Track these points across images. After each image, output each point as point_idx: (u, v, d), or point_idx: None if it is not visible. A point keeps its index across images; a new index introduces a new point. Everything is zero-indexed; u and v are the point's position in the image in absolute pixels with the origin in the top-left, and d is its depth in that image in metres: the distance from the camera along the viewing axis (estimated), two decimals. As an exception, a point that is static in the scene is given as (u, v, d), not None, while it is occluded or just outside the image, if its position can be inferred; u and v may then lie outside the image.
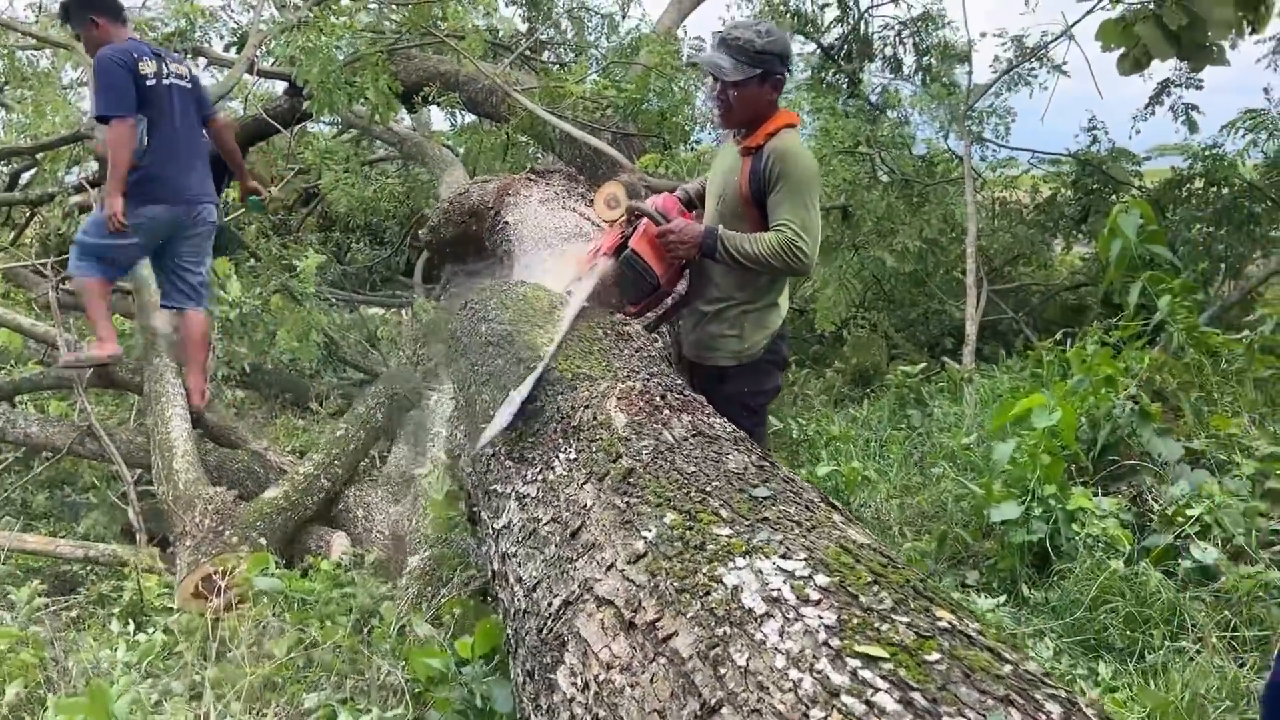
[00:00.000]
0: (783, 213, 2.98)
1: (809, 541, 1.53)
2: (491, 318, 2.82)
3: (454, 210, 4.86)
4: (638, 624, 1.51)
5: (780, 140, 3.04)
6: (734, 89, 3.02)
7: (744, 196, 3.08)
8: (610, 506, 1.88)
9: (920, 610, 1.32)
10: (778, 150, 3.01)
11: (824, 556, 1.47)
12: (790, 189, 2.99)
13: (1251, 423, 4.14)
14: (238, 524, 3.80)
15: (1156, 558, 3.16)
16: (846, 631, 1.26)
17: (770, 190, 3.02)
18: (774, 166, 3.00)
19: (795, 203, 2.98)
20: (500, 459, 2.43)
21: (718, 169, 3.28)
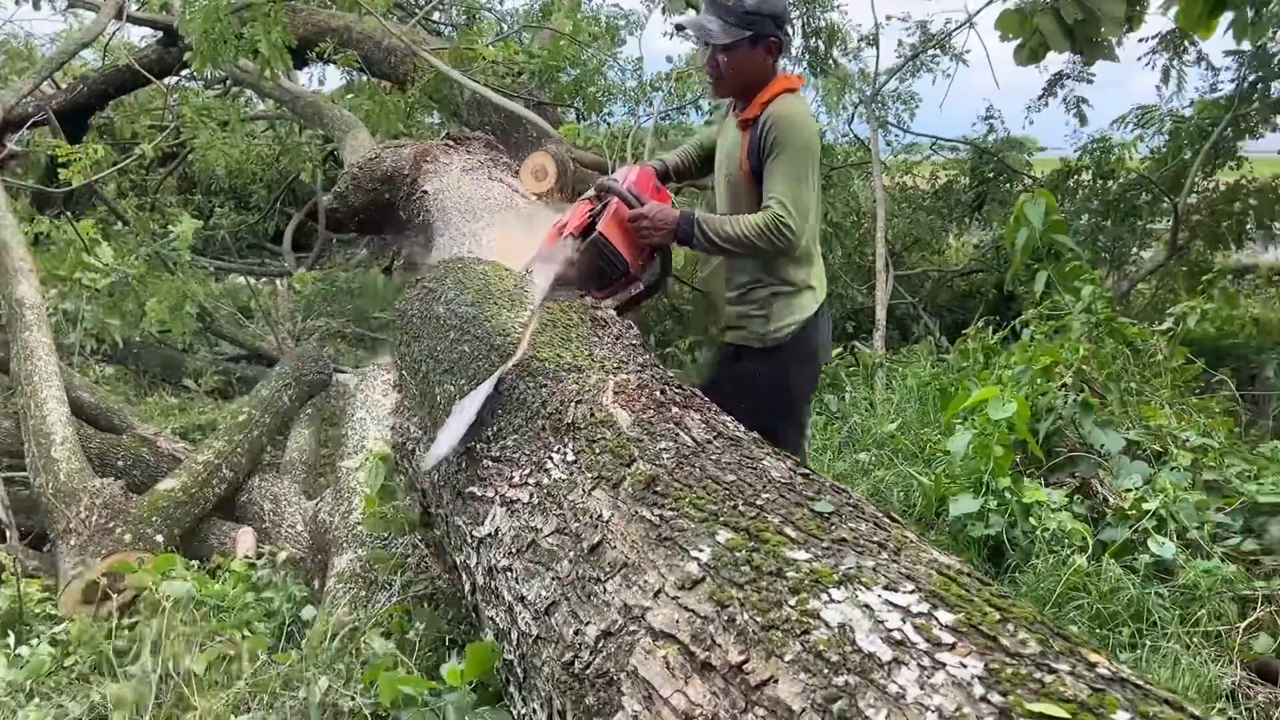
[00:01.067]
0: (773, 186, 2.79)
1: (904, 568, 1.36)
2: (450, 299, 2.55)
3: (364, 176, 4.51)
4: (716, 665, 1.31)
5: (777, 106, 2.83)
6: (724, 54, 2.82)
7: (746, 174, 2.89)
8: (636, 519, 1.67)
9: (1068, 654, 1.16)
10: (773, 117, 2.81)
11: (933, 587, 1.30)
12: (784, 159, 2.79)
13: (1174, 413, 4.21)
14: (130, 519, 3.42)
15: (1115, 553, 3.13)
16: (1003, 683, 1.09)
17: (765, 158, 2.82)
18: (769, 134, 2.80)
19: (787, 175, 2.79)
20: (477, 457, 2.18)
21: (721, 147, 3.08)
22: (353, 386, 3.75)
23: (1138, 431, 3.86)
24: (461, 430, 2.13)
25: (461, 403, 2.26)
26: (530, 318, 2.42)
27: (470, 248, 3.62)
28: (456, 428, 2.15)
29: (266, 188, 12.94)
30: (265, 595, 3.16)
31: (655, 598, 1.48)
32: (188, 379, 6.69)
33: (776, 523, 1.51)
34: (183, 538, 3.55)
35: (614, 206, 2.76)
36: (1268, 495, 3.32)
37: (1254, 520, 3.38)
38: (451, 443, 2.12)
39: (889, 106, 7.67)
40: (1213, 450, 3.77)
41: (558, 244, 2.80)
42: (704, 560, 1.48)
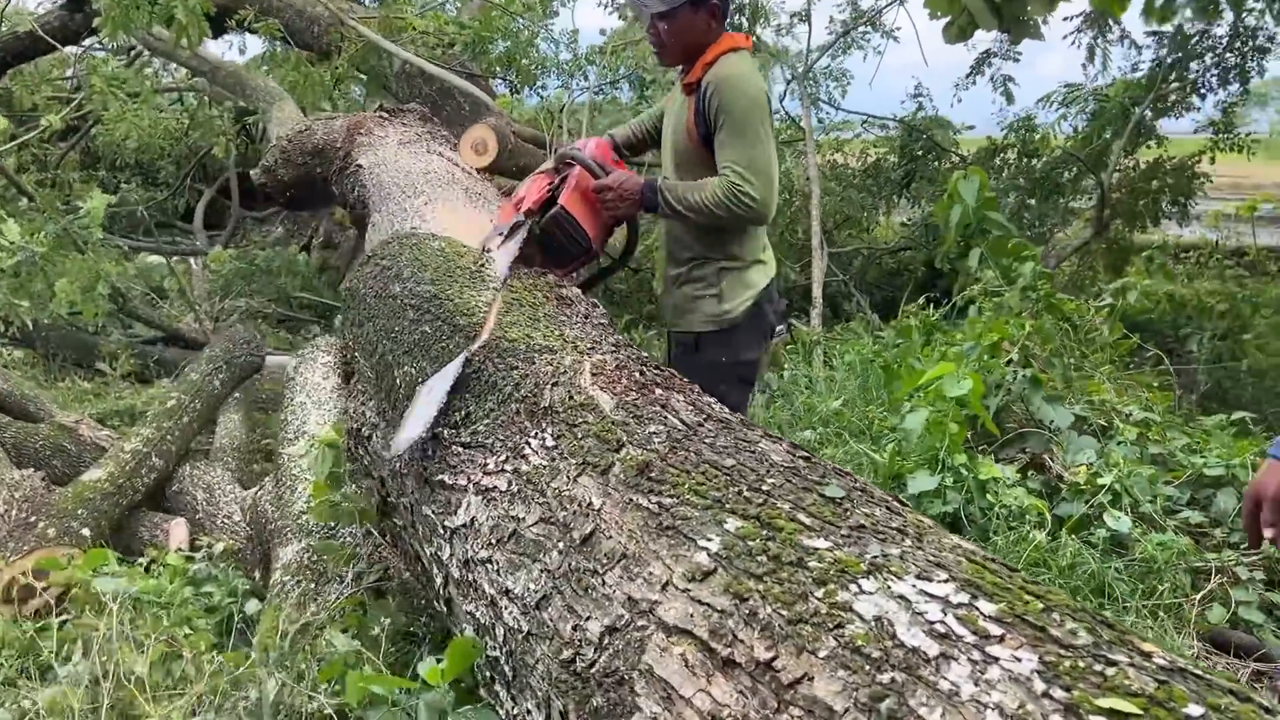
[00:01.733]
0: (726, 153, 2.70)
1: (931, 555, 1.30)
2: (407, 276, 2.43)
3: (294, 150, 4.31)
4: (741, 662, 1.23)
5: (718, 68, 2.73)
6: (663, 21, 2.74)
7: (694, 141, 2.80)
8: (631, 507, 1.59)
9: (1120, 644, 1.11)
10: (715, 80, 2.71)
11: (966, 575, 1.24)
12: (732, 124, 2.69)
13: (1113, 387, 4.27)
14: (53, 513, 3.23)
15: (1071, 528, 3.15)
16: (1063, 678, 1.04)
17: (715, 127, 2.72)
18: (713, 99, 2.70)
19: (737, 140, 2.69)
20: (444, 442, 2.07)
21: (669, 115, 2.98)
22: (290, 369, 3.58)
23: (1082, 406, 3.90)
24: (431, 413, 2.02)
25: (429, 384, 2.15)
26: (494, 296, 2.32)
27: (414, 224, 3.46)
28: (425, 410, 2.04)
29: (175, 163, 12.45)
30: (205, 590, 3.01)
31: (663, 590, 1.40)
32: (101, 363, 6.39)
33: (787, 509, 1.45)
34: (111, 531, 3.36)
35: (575, 178, 2.65)
36: (1214, 468, 3.38)
37: (1200, 493, 3.44)
38: (421, 426, 2.01)
39: (821, 84, 7.68)
40: (1155, 424, 3.83)
41: (515, 219, 2.68)
42: (714, 550, 1.40)
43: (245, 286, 8.16)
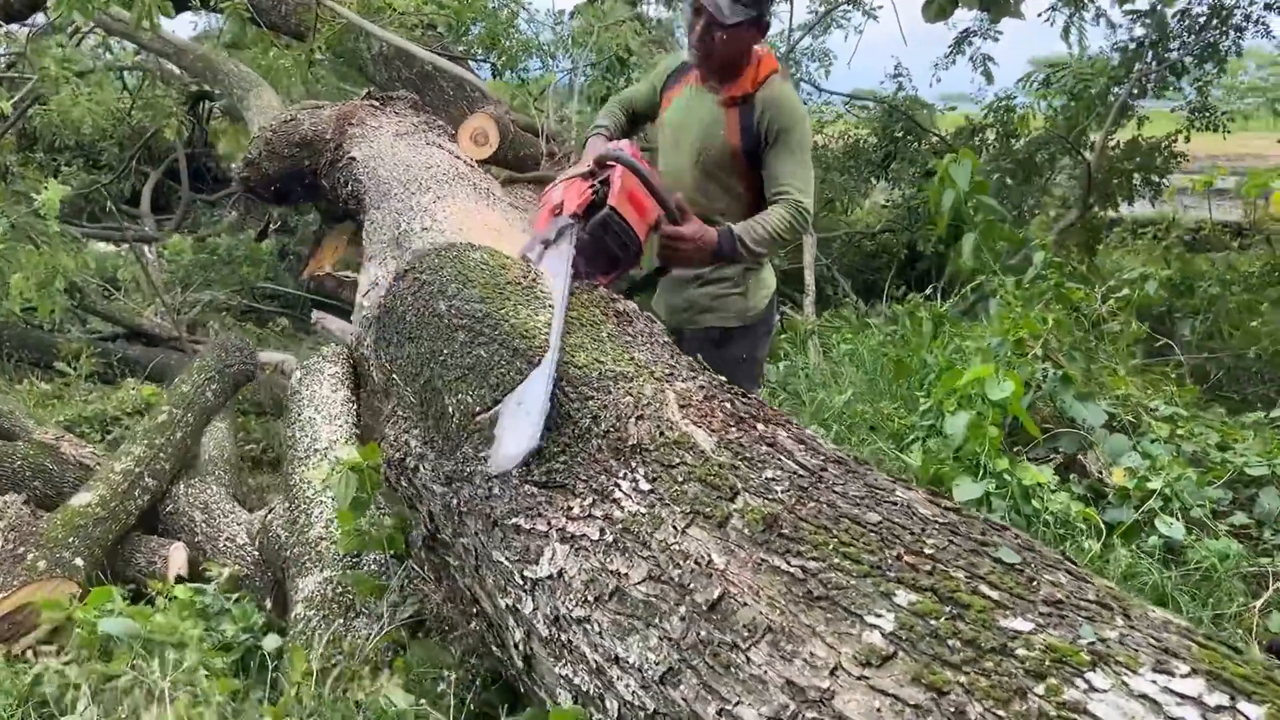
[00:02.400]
0: (786, 175, 2.82)
1: (1152, 637, 1.16)
2: (452, 294, 2.23)
3: (279, 141, 4.05)
4: (955, 773, 1.09)
5: (773, 90, 2.85)
6: (724, 32, 2.74)
7: (735, 151, 2.88)
8: (766, 569, 1.43)
9: None
10: (774, 101, 2.83)
11: (1207, 665, 1.10)
12: (791, 146, 2.83)
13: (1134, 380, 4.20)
14: (43, 542, 2.99)
15: (1121, 535, 3.06)
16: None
17: (768, 144, 2.84)
18: (771, 121, 2.82)
19: (797, 161, 2.84)
20: (512, 482, 1.89)
21: (687, 119, 3.00)
22: (294, 382, 3.36)
23: (1109, 402, 3.81)
24: (535, 425, 1.81)
25: (516, 394, 1.95)
26: (556, 315, 2.13)
27: (424, 224, 3.27)
28: (522, 424, 1.84)
29: (119, 144, 11.95)
30: (218, 624, 2.80)
31: (833, 676, 1.25)
32: (61, 362, 6.06)
33: (964, 578, 1.29)
34: (105, 559, 3.12)
35: (620, 179, 2.46)
36: (1256, 468, 3.31)
37: (1241, 492, 3.37)
38: (525, 441, 1.80)
39: (803, 64, 7.53)
40: (1183, 419, 3.76)
41: (557, 224, 2.49)
42: (888, 629, 1.25)
43: (204, 276, 7.82)
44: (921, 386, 4.49)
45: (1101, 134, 7.49)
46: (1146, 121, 8.08)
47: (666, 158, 3.06)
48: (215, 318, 7.12)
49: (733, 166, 2.93)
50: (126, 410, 5.08)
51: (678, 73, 3.13)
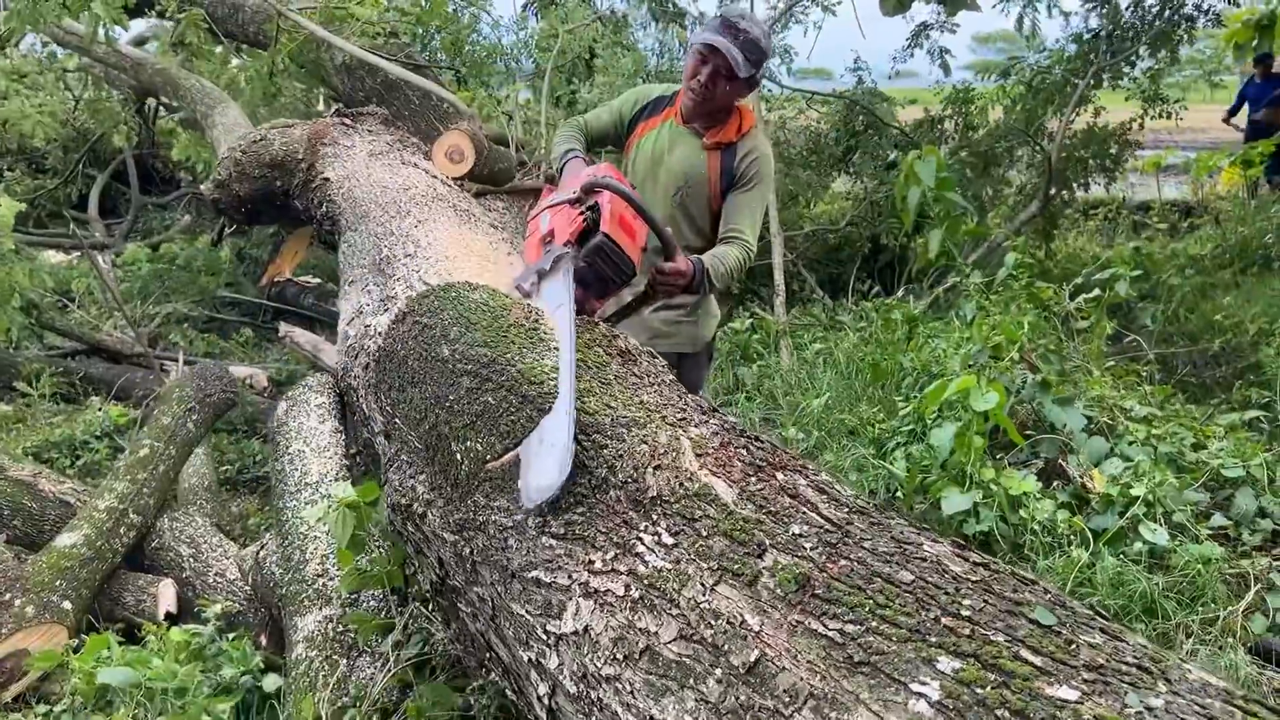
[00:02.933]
0: (743, 220, 3.06)
1: (1197, 704, 1.19)
2: (454, 337, 2.22)
3: (249, 162, 3.98)
4: None
5: (756, 140, 3.12)
6: (729, 84, 2.95)
7: (714, 193, 3.12)
8: (803, 631, 1.44)
9: None
10: (758, 152, 3.09)
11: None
12: (758, 195, 3.10)
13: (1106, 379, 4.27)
14: (29, 587, 2.93)
15: (1106, 542, 3.12)
16: None
17: (738, 187, 3.09)
18: (750, 168, 3.08)
19: (755, 210, 3.10)
20: (527, 533, 1.89)
21: (666, 154, 3.19)
22: (280, 414, 3.31)
23: (1084, 404, 3.87)
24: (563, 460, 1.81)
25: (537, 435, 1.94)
26: (565, 346, 2.13)
27: (408, 250, 3.24)
28: (551, 461, 1.83)
29: (63, 148, 11.68)
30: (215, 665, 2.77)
31: (881, 746, 1.27)
32: (20, 382, 5.93)
33: (1004, 641, 1.31)
34: (93, 599, 3.07)
35: (609, 204, 2.47)
36: (1231, 470, 3.38)
37: (1218, 493, 3.45)
38: (555, 474, 1.80)
39: (764, 61, 7.52)
40: (1158, 419, 3.84)
41: (552, 254, 2.49)
42: (934, 698, 1.27)
43: (163, 287, 7.67)
44: (899, 390, 4.54)
45: (1062, 124, 7.58)
46: (1103, 111, 8.20)
47: (638, 188, 3.15)
48: (177, 330, 6.99)
49: (708, 205, 3.15)
50: (95, 433, 4.99)
51: (653, 106, 3.31)
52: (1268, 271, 8.92)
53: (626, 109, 3.36)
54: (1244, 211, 10.80)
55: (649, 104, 3.30)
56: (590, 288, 2.52)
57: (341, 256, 3.71)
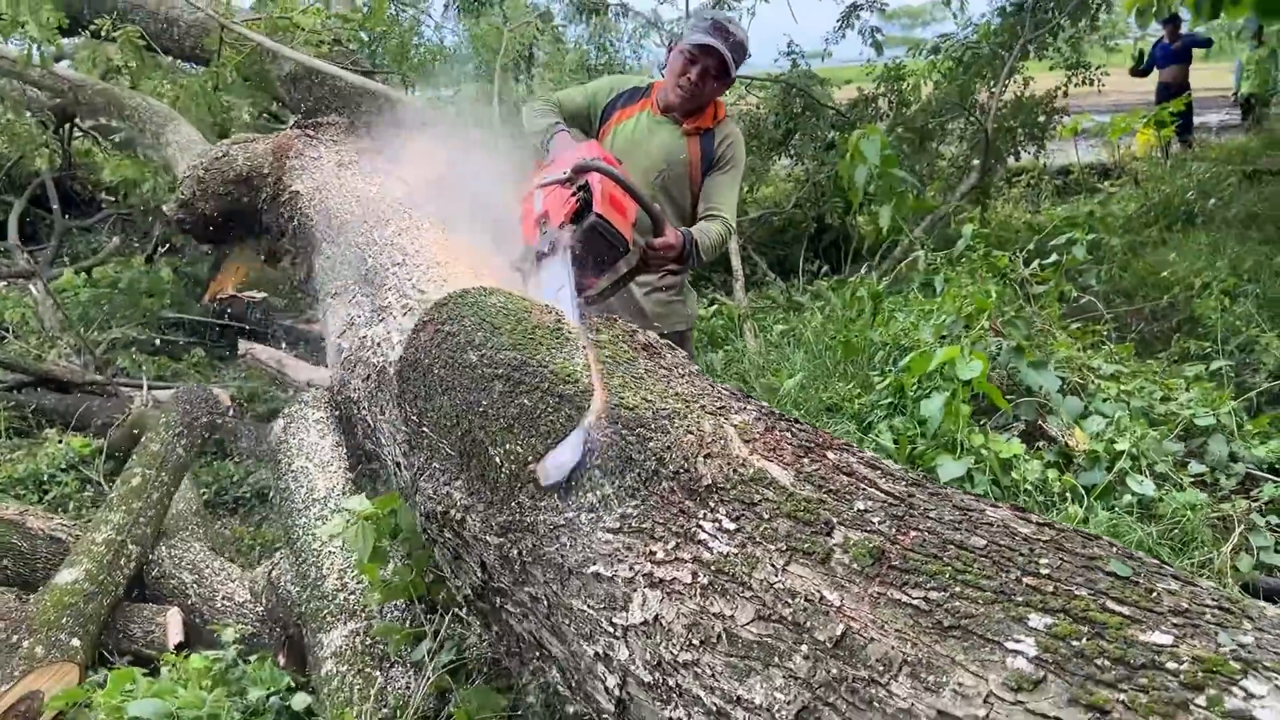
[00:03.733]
0: (724, 198, 3.29)
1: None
2: (480, 342, 2.23)
3: (212, 180, 3.92)
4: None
5: (730, 125, 3.39)
6: (717, 83, 3.23)
7: (695, 176, 3.33)
8: (886, 603, 1.49)
9: None
10: (733, 136, 3.36)
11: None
12: (734, 176, 3.34)
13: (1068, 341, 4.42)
14: (35, 626, 2.87)
15: (1097, 496, 3.24)
16: None
17: (717, 169, 3.31)
18: (728, 151, 3.32)
19: (733, 189, 3.33)
20: (580, 529, 1.92)
21: (643, 142, 3.35)
22: (278, 431, 3.28)
23: (1055, 366, 4.01)
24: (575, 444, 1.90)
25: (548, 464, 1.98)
26: (590, 353, 2.16)
27: (393, 258, 3.23)
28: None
29: (-34, 170, 11.29)
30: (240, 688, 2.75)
31: (987, 704, 1.33)
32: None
33: (1088, 595, 1.38)
34: (100, 634, 3.02)
35: (600, 185, 2.56)
36: (1203, 419, 3.53)
37: (1192, 442, 3.60)
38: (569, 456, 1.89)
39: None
40: (1125, 376, 3.99)
41: (549, 237, 2.56)
42: (1032, 654, 1.33)
43: (104, 312, 7.48)
44: (871, 365, 4.64)
45: (995, 96, 7.79)
46: (1031, 81, 8.42)
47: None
48: (124, 355, 6.83)
49: (689, 187, 3.36)
50: (60, 466, 4.88)
51: (629, 95, 3.45)
52: (1191, 226, 9.26)
53: (602, 96, 3.49)
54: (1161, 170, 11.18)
55: (625, 93, 3.45)
56: (586, 266, 2.62)
57: (320, 269, 3.68)
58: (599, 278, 2.74)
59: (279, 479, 3.12)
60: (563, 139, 3.16)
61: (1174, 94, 12.46)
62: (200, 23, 5.32)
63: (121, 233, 11.18)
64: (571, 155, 2.79)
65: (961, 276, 4.40)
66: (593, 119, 3.52)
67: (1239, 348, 5.21)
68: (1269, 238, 8.29)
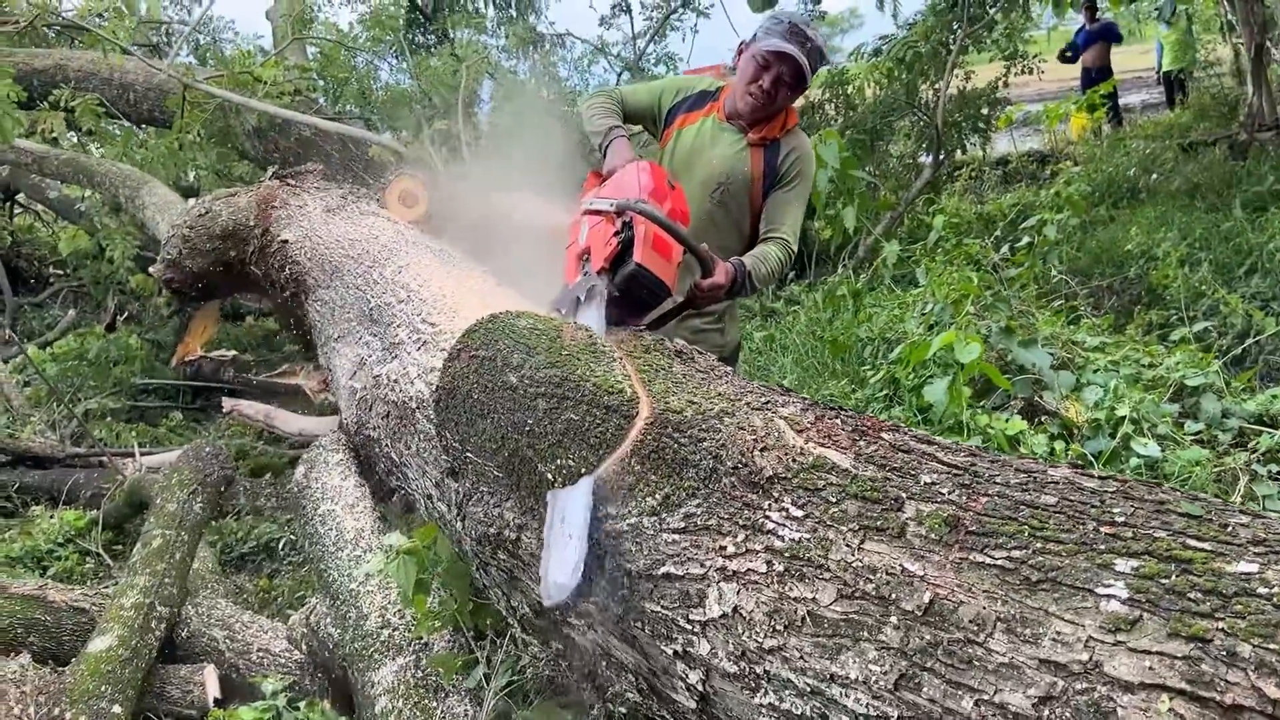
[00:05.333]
0: (787, 217, 3.03)
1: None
2: (518, 363, 2.26)
3: (198, 237, 3.92)
4: (1251, 705, 1.24)
5: (800, 138, 3.10)
6: (790, 91, 2.98)
7: (757, 191, 3.07)
8: (968, 566, 1.55)
9: None
10: (801, 149, 3.08)
11: None
12: (800, 193, 3.07)
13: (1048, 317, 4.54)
14: (75, 697, 2.84)
15: (1104, 462, 3.34)
16: None
17: (781, 185, 3.04)
18: (794, 165, 3.04)
19: (797, 209, 3.07)
20: (644, 533, 1.96)
21: (706, 149, 3.11)
22: (300, 476, 3.28)
23: (1041, 343, 4.12)
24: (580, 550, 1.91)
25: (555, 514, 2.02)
26: (625, 364, 2.20)
27: (397, 296, 3.25)
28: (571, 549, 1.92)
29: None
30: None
31: (1088, 648, 1.38)
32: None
33: (1166, 536, 1.45)
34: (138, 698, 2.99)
35: (644, 228, 2.48)
36: (1194, 379, 3.65)
37: (1185, 403, 3.72)
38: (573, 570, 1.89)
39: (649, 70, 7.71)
40: (1110, 346, 4.11)
41: (586, 283, 2.53)
42: (1124, 597, 1.39)
43: (72, 385, 7.37)
44: (860, 360, 4.73)
45: (941, 92, 7.99)
46: (973, 74, 8.64)
47: (686, 183, 3.06)
48: (101, 425, 6.75)
49: (749, 201, 3.09)
50: (57, 540, 4.82)
51: (697, 99, 3.20)
52: (1136, 202, 9.52)
53: (667, 98, 3.24)
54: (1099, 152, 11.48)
55: (692, 96, 3.21)
56: (626, 309, 2.57)
57: (316, 315, 3.69)
58: (640, 318, 2.65)
59: (306, 524, 3.12)
60: (619, 146, 2.96)
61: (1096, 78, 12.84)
62: (158, 85, 5.32)
63: (75, 306, 11.04)
64: (625, 174, 2.71)
65: (940, 266, 4.50)
66: (657, 120, 3.28)
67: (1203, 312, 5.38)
68: (1212, 205, 8.56)
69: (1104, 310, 6.67)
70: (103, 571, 4.61)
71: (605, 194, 2.66)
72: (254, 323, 9.97)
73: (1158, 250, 6.19)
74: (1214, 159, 9.64)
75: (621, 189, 2.62)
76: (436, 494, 2.67)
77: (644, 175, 2.67)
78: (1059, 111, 9.70)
